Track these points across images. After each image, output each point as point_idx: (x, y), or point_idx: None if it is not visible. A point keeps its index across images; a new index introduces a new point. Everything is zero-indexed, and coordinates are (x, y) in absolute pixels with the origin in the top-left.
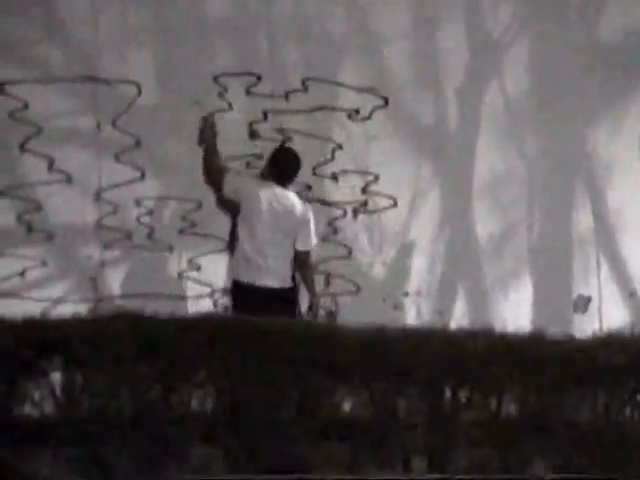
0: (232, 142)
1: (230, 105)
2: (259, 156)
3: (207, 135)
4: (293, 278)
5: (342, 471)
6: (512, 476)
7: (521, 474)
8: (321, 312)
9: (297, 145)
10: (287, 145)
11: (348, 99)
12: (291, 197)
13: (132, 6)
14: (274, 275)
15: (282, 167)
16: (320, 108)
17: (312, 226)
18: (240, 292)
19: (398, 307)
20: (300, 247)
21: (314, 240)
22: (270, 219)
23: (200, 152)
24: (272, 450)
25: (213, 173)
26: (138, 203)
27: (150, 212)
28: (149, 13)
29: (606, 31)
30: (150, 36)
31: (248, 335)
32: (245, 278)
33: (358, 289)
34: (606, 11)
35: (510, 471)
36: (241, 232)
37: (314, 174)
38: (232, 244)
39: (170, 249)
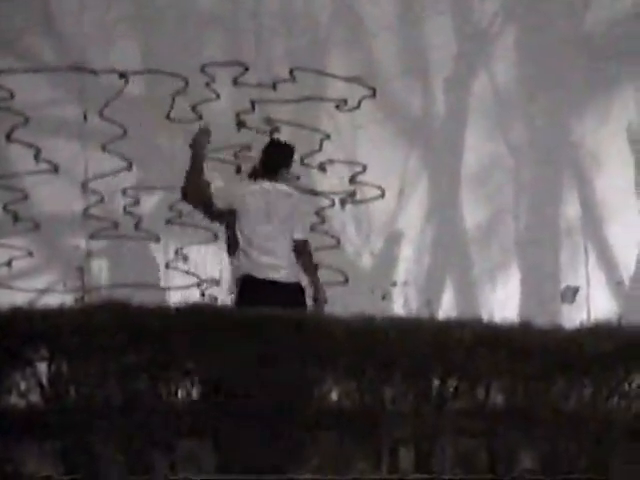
0: (220, 132)
1: (217, 95)
2: (247, 146)
3: (198, 148)
4: None
5: (330, 461)
6: (498, 477)
7: (508, 463)
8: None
9: (285, 135)
10: (275, 137)
11: (336, 89)
12: (282, 188)
13: None
14: (281, 270)
15: (271, 160)
16: (308, 98)
17: (303, 213)
18: (248, 289)
19: (386, 297)
20: (298, 236)
21: (306, 228)
22: (266, 215)
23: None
24: (259, 440)
25: (198, 190)
26: (125, 193)
27: (137, 202)
28: (136, 3)
29: (592, 22)
30: (137, 26)
31: (236, 325)
32: (252, 274)
33: (346, 279)
34: (593, 2)
35: (497, 460)
36: (241, 235)
37: (302, 164)
38: (232, 248)
39: (157, 239)
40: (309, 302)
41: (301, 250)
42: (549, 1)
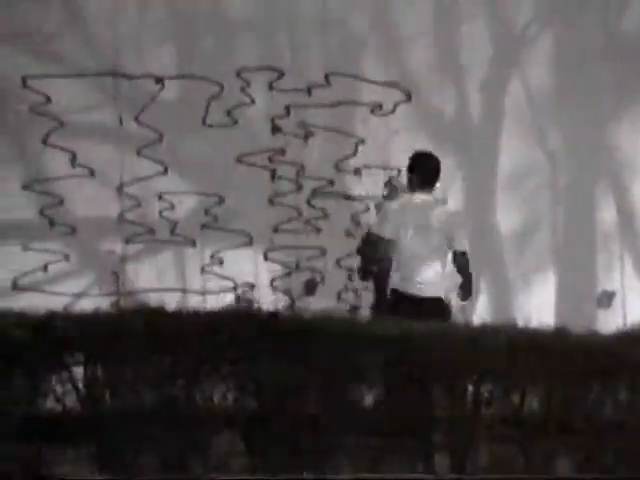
0: (254, 137)
1: (253, 100)
2: (281, 151)
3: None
4: None
5: (366, 467)
6: (530, 476)
7: (544, 471)
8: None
9: (319, 140)
10: (424, 150)
11: (371, 94)
12: (435, 203)
13: (154, 1)
14: (431, 286)
15: (428, 172)
16: (342, 103)
17: (460, 225)
18: (398, 301)
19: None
20: (453, 247)
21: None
22: (425, 228)
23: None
24: (293, 447)
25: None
26: (160, 197)
27: (172, 206)
28: (172, 8)
29: (628, 26)
30: (172, 31)
31: (272, 330)
32: (402, 289)
33: None
34: (628, 6)
35: (533, 468)
36: (396, 257)
37: (336, 169)
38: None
39: (192, 243)
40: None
41: (459, 260)
42: (584, 8)
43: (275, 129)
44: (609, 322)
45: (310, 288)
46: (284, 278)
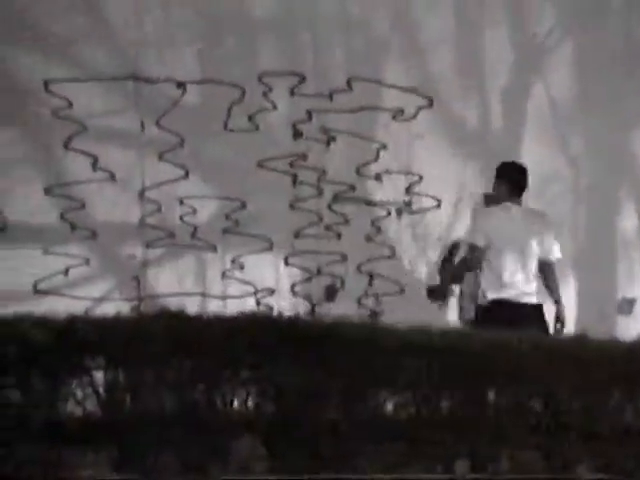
0: (276, 142)
1: (274, 105)
2: (303, 155)
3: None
4: None
5: (385, 472)
6: (554, 476)
7: (565, 476)
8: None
9: (341, 145)
10: (515, 161)
11: (392, 99)
12: (526, 212)
13: (176, 5)
14: (527, 292)
15: (518, 183)
16: (364, 108)
17: (552, 234)
18: (494, 309)
19: (442, 307)
20: (544, 256)
21: (557, 249)
22: (513, 242)
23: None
24: (315, 452)
25: (468, 266)
26: (181, 202)
27: (193, 211)
28: (193, 12)
29: None
30: (194, 35)
31: (292, 335)
32: (498, 295)
33: (402, 289)
34: None
35: (554, 474)
36: (488, 264)
37: (358, 174)
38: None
39: (213, 248)
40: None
41: (547, 270)
42: (605, 14)
43: (297, 134)
44: (630, 328)
45: (330, 293)
46: (304, 283)
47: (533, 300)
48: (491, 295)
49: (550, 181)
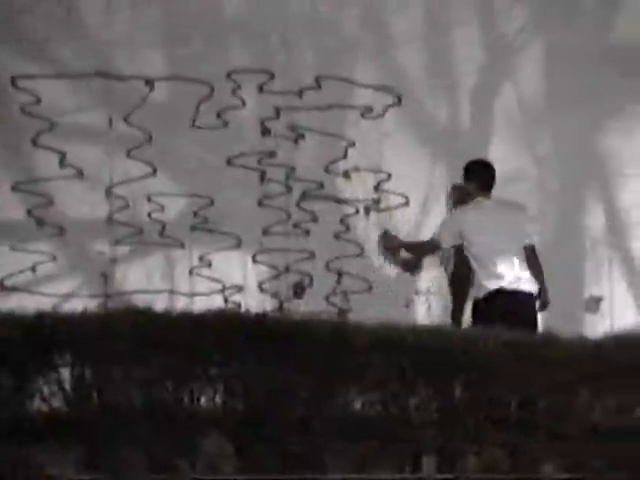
0: (245, 139)
1: (243, 102)
2: (272, 153)
3: (394, 245)
4: None
5: (354, 470)
6: (521, 474)
7: (533, 475)
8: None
9: (309, 142)
10: (476, 159)
11: (361, 97)
12: (502, 203)
13: (145, 3)
14: (522, 280)
15: (486, 179)
16: (333, 106)
17: (528, 219)
18: (490, 300)
19: (409, 305)
20: (524, 241)
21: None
22: (493, 234)
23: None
24: (282, 449)
25: (428, 252)
26: (149, 199)
27: (161, 208)
28: (162, 10)
29: (618, 33)
30: (163, 33)
31: (260, 333)
32: (493, 287)
33: (370, 287)
34: (619, 13)
35: (521, 472)
36: (477, 257)
37: (326, 172)
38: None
39: (181, 245)
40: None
41: (528, 254)
42: (576, 14)
43: (265, 131)
44: (596, 327)
45: (299, 291)
46: (273, 281)
47: (527, 286)
48: (485, 288)
49: (518, 180)
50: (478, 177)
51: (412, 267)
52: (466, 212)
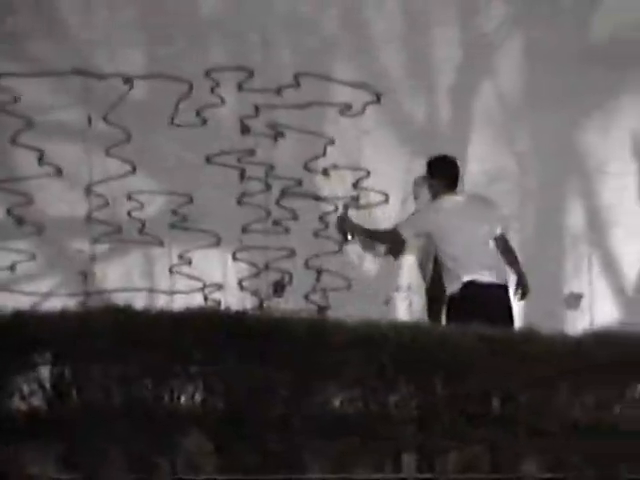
0: (224, 137)
1: (222, 100)
2: (251, 151)
3: (352, 229)
4: None
5: (334, 468)
6: (501, 471)
7: (513, 472)
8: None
9: (289, 140)
10: (439, 155)
11: (340, 95)
12: (469, 196)
13: (124, 1)
14: (495, 272)
15: (452, 175)
16: (312, 103)
17: (497, 210)
18: (465, 294)
19: (389, 302)
20: (496, 232)
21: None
22: (464, 228)
23: (193, 146)
24: (262, 447)
25: (388, 240)
26: (129, 197)
27: (141, 206)
28: (141, 8)
29: (597, 30)
30: (142, 31)
31: (240, 330)
32: (466, 280)
33: (349, 284)
34: (597, 10)
35: (501, 469)
36: (447, 252)
37: (306, 169)
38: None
39: (161, 243)
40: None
41: (501, 244)
42: (554, 11)
43: (244, 129)
44: (576, 323)
45: (278, 289)
46: (252, 278)
47: (501, 278)
48: (460, 282)
49: (498, 178)
50: (444, 174)
51: (372, 248)
52: (436, 211)
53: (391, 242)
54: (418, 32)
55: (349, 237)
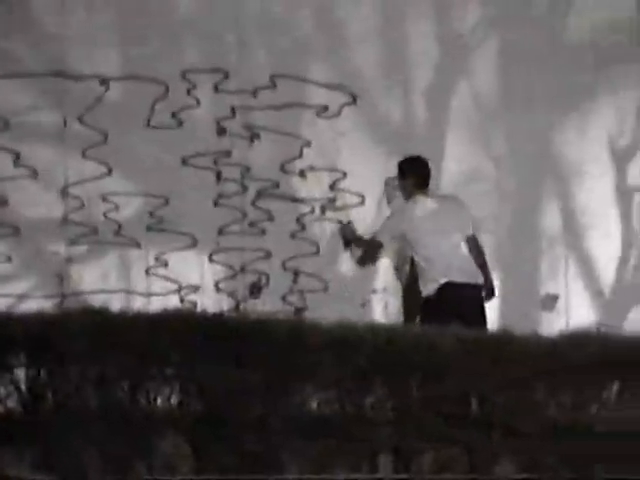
0: (199, 139)
1: (198, 101)
2: (227, 153)
3: (352, 238)
4: None
5: (312, 469)
6: (476, 476)
7: (488, 473)
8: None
9: (265, 142)
10: (409, 156)
11: (316, 96)
12: (441, 197)
13: (101, 4)
14: (469, 272)
15: (424, 176)
16: (288, 105)
17: (467, 211)
18: (440, 295)
19: (365, 304)
20: (466, 233)
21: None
22: (437, 230)
23: (168, 147)
24: (239, 448)
25: (371, 249)
26: (104, 199)
27: (117, 208)
28: (117, 9)
29: (573, 32)
30: (118, 32)
31: (217, 332)
32: (442, 281)
33: (326, 286)
34: (573, 11)
35: (477, 470)
36: (423, 259)
37: (282, 171)
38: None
39: (137, 245)
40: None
41: (472, 245)
42: (530, 12)
43: (220, 131)
44: (553, 325)
45: (255, 290)
46: (229, 280)
47: (475, 279)
48: (435, 283)
49: (474, 179)
50: (415, 174)
51: (365, 262)
52: (409, 214)
53: (374, 251)
54: (394, 32)
55: (351, 248)
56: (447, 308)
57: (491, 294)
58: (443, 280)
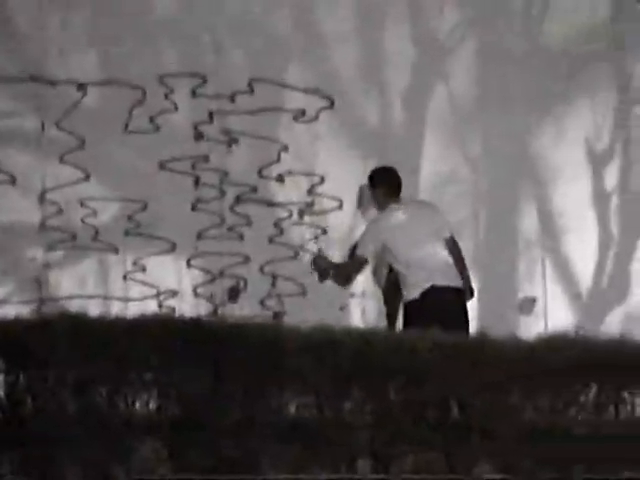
0: (177, 143)
1: (175, 106)
2: (205, 157)
3: (327, 267)
4: None
5: (287, 473)
6: (455, 475)
7: (466, 475)
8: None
9: (243, 146)
10: (379, 167)
11: (294, 100)
12: (414, 203)
13: (77, 7)
14: (450, 276)
15: (395, 185)
16: (266, 109)
17: (440, 213)
18: (430, 299)
19: (344, 308)
20: (443, 235)
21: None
22: (414, 236)
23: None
24: (218, 453)
25: (356, 269)
26: (82, 204)
27: (94, 213)
28: (94, 14)
29: (550, 35)
30: (95, 37)
31: (195, 337)
32: (424, 287)
33: (304, 290)
34: (550, 15)
35: (454, 473)
36: (401, 261)
37: (260, 175)
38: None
39: (115, 250)
40: None
41: (450, 247)
42: (507, 15)
43: (198, 135)
44: (530, 328)
45: (233, 295)
46: (207, 285)
47: (456, 282)
48: (419, 287)
49: (451, 181)
50: (386, 184)
51: (344, 281)
52: (384, 222)
53: (360, 269)
54: (370, 34)
55: (326, 277)
56: (431, 312)
57: (470, 294)
58: (427, 285)
